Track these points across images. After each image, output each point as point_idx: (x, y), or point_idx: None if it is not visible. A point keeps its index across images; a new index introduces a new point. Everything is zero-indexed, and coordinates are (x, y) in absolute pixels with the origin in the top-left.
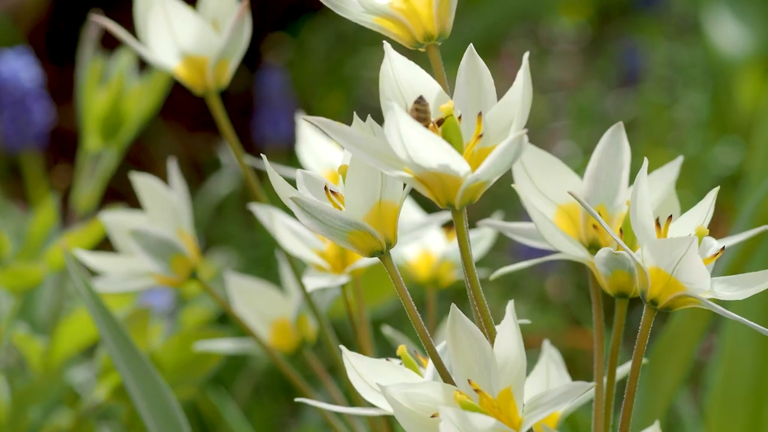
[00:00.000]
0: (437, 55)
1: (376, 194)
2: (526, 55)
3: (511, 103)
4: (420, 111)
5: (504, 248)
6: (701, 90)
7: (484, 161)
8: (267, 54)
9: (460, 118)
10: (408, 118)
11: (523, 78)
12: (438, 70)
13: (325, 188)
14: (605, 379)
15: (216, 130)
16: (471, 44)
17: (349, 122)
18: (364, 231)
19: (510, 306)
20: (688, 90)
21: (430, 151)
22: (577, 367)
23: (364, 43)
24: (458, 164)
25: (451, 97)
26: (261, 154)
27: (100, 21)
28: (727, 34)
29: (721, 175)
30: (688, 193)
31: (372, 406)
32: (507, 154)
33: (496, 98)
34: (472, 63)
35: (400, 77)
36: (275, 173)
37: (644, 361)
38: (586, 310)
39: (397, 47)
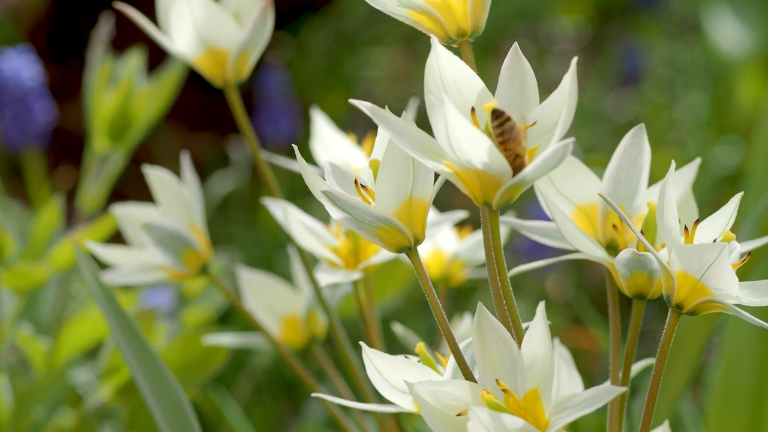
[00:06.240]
0: (470, 52)
1: (407, 190)
2: (575, 60)
3: (554, 105)
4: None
5: (504, 247)
6: (701, 90)
7: (530, 164)
8: (267, 53)
9: None
10: (456, 112)
11: (569, 81)
12: (470, 66)
13: (355, 182)
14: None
15: (216, 130)
16: (516, 43)
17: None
18: (394, 227)
19: (540, 307)
20: (688, 90)
21: (476, 148)
22: (578, 367)
23: (364, 43)
24: (501, 165)
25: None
26: (293, 146)
27: (121, 8)
28: (727, 34)
29: (721, 175)
30: None
31: (385, 402)
32: (552, 159)
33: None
34: (516, 62)
35: (445, 72)
36: (306, 166)
37: (650, 361)
38: (587, 310)
39: (396, 45)
